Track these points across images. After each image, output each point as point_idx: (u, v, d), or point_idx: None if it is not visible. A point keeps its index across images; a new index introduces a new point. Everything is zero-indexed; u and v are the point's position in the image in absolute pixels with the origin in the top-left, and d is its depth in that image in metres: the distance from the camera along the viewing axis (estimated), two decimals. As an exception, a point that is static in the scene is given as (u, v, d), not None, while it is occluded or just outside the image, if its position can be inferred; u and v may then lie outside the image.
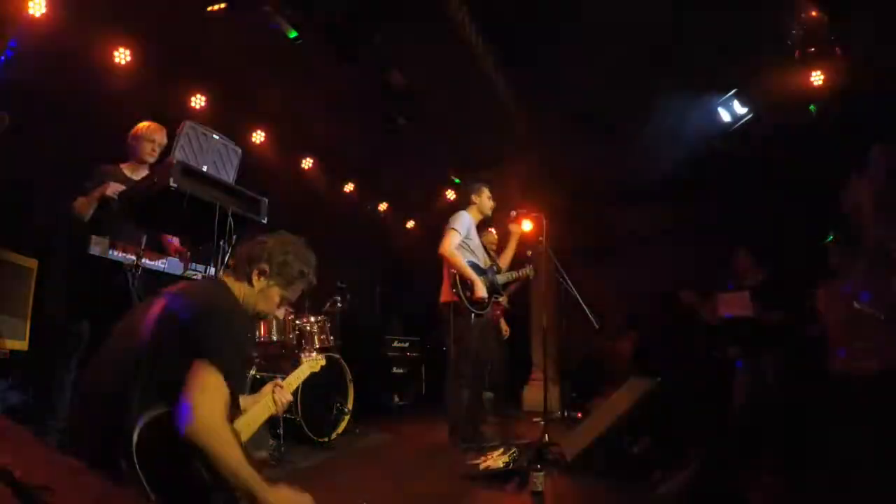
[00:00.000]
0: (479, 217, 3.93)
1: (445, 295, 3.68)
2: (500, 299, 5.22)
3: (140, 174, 2.85)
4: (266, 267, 1.55)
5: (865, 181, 2.17)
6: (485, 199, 3.91)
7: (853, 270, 2.44)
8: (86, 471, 0.62)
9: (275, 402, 1.77)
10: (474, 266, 3.67)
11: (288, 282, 1.59)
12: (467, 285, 3.57)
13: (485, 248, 4.04)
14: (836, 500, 2.87)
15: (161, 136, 2.91)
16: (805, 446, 3.62)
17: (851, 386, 2.30)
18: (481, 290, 3.56)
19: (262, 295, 1.56)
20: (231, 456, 1.26)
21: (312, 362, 2.23)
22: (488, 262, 3.91)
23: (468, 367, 3.55)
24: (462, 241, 3.68)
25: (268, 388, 1.80)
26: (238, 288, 1.56)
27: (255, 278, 1.56)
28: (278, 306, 1.61)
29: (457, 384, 3.57)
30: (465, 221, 3.75)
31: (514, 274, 3.97)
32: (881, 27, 3.18)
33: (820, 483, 3.06)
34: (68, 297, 2.93)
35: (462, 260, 3.60)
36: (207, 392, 1.27)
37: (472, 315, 3.55)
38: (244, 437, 1.58)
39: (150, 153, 2.89)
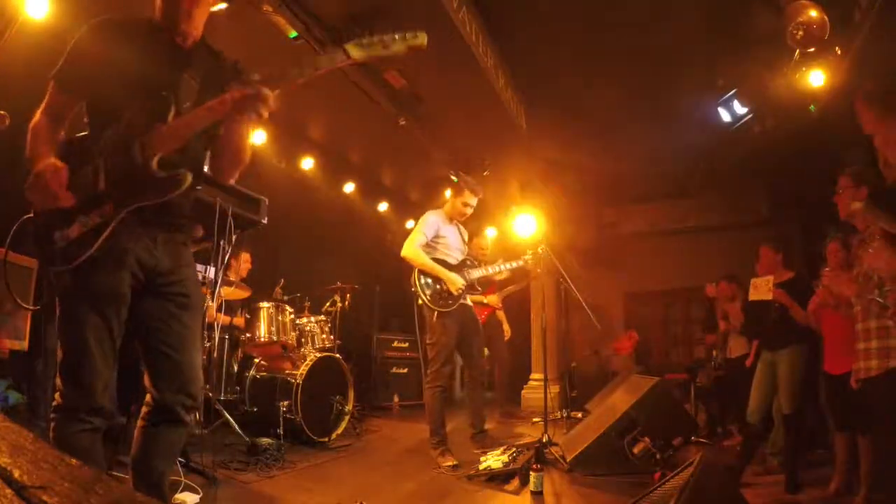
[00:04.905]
0: (449, 217, 3.69)
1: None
2: (486, 300, 5.18)
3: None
4: None
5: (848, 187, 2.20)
6: (458, 204, 3.63)
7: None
8: (87, 470, 0.62)
9: (230, 97, 1.37)
10: (442, 263, 3.52)
11: None
12: (429, 284, 3.46)
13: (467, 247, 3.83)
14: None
15: None
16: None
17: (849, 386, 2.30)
18: (454, 285, 3.43)
19: None
20: (30, 141, 1.45)
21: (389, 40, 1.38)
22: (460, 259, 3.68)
23: (437, 366, 3.43)
24: (430, 241, 3.55)
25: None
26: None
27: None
28: None
29: (428, 384, 3.48)
30: (430, 223, 3.59)
31: (497, 268, 3.76)
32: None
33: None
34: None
35: (425, 258, 3.47)
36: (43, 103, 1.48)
37: (436, 313, 3.43)
38: (175, 139, 1.40)
39: None
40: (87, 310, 1.41)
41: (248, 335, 4.08)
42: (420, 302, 3.47)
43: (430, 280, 3.47)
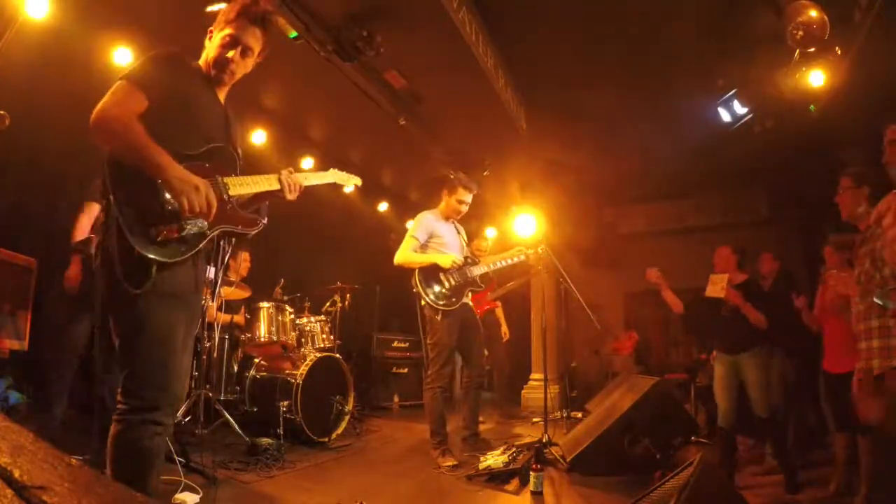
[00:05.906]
0: (445, 215, 3.68)
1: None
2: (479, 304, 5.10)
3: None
4: (212, 28, 1.77)
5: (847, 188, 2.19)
6: (452, 202, 3.62)
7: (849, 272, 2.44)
8: (87, 470, 0.62)
9: (280, 181, 1.83)
10: (437, 265, 3.47)
11: (223, 23, 1.73)
12: (431, 284, 3.44)
13: (467, 246, 3.80)
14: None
15: None
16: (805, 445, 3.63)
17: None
18: (447, 260, 3.42)
19: (211, 46, 1.75)
20: (130, 136, 1.42)
21: (343, 176, 2.34)
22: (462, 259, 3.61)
23: (437, 367, 3.43)
24: (425, 243, 3.54)
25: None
26: (202, 56, 1.77)
27: (208, 40, 1.78)
28: (223, 48, 1.72)
29: (428, 385, 3.47)
30: (423, 224, 3.58)
31: (498, 263, 3.70)
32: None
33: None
34: (68, 297, 2.93)
35: (415, 255, 3.46)
36: (110, 95, 1.47)
37: (440, 313, 3.41)
38: (233, 190, 1.66)
39: None
40: (173, 308, 1.50)
41: (248, 335, 4.08)
42: (423, 302, 3.45)
43: (431, 280, 3.46)
